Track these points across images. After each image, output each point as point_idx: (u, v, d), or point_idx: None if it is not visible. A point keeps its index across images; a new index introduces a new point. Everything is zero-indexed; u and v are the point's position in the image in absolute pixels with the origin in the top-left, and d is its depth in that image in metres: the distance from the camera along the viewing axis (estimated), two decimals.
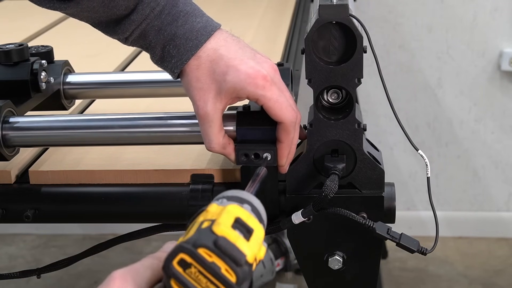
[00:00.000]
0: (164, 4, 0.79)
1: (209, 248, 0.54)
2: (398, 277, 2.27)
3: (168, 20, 0.79)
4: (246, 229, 0.56)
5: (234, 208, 0.58)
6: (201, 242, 0.54)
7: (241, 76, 0.77)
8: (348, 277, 0.88)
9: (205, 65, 0.78)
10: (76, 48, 1.41)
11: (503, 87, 2.32)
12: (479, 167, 2.43)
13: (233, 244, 0.55)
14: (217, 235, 0.55)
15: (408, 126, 2.38)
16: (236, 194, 0.61)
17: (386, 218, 0.84)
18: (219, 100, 0.78)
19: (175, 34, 0.79)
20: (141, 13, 0.79)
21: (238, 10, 1.72)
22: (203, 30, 0.79)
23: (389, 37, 2.31)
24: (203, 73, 0.78)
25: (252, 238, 0.56)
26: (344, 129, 0.82)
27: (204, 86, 0.78)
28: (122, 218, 0.92)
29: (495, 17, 2.26)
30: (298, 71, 1.23)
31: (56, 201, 0.90)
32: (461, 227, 2.48)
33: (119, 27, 0.80)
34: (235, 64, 0.78)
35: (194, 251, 0.54)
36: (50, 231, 2.56)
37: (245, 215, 0.57)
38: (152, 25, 0.79)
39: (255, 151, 0.81)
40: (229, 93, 0.78)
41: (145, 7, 0.79)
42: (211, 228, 0.55)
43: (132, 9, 0.79)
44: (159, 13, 0.79)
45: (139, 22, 0.79)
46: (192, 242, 0.54)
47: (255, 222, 0.58)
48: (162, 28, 0.79)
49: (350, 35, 0.79)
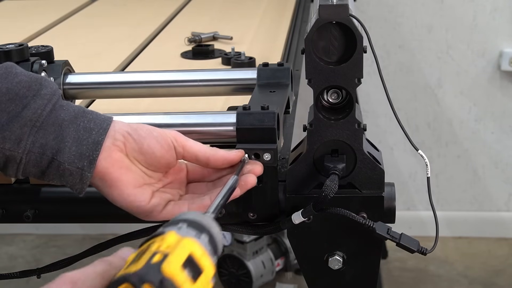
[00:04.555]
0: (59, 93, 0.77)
1: (155, 285, 0.54)
2: (398, 277, 2.27)
3: (70, 103, 0.77)
4: (196, 270, 0.57)
5: (189, 243, 0.58)
6: (147, 278, 0.54)
7: None
8: (348, 277, 0.88)
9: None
10: (76, 48, 1.41)
11: (503, 87, 2.32)
12: (479, 167, 2.43)
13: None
14: (164, 276, 0.55)
15: (408, 126, 2.38)
16: (197, 220, 0.61)
17: (386, 218, 0.84)
18: None
19: (84, 111, 0.76)
20: (50, 87, 0.75)
21: (238, 10, 1.73)
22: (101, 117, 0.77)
23: (389, 37, 2.31)
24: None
25: (199, 279, 0.57)
26: (344, 129, 0.82)
27: None
28: (122, 218, 0.92)
29: (495, 17, 2.26)
30: (298, 71, 1.23)
31: (56, 201, 0.90)
32: (461, 227, 2.48)
33: (28, 108, 0.74)
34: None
35: (138, 286, 0.54)
36: (50, 231, 2.56)
37: (199, 252, 0.58)
38: (60, 104, 0.75)
39: (255, 151, 0.81)
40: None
41: (47, 85, 0.75)
42: (160, 266, 0.55)
43: (39, 87, 0.75)
44: (60, 96, 0.76)
45: (50, 96, 0.75)
46: (139, 276, 0.54)
47: (207, 261, 0.58)
48: (69, 105, 0.76)
49: (350, 35, 0.79)
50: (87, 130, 0.74)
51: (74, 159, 0.74)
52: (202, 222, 0.61)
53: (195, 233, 0.60)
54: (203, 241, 0.59)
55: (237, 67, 1.23)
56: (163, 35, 1.53)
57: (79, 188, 0.76)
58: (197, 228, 0.60)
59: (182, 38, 1.43)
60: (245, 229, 0.88)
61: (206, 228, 0.61)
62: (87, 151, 0.74)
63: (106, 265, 0.58)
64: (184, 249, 0.57)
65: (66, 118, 0.74)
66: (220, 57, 1.32)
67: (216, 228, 0.62)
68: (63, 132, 0.74)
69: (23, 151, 0.73)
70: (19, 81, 0.75)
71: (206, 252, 0.59)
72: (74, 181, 0.75)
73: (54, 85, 0.77)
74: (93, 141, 0.74)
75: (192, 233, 0.60)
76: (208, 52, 1.35)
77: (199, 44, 1.40)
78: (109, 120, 0.77)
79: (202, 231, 0.60)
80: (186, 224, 0.60)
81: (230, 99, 1.06)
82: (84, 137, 0.74)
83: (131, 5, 1.82)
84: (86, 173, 0.74)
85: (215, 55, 1.34)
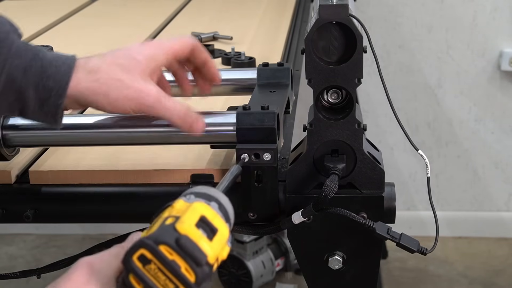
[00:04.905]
0: (17, 43, 0.75)
1: (171, 245, 0.54)
2: (398, 277, 2.27)
3: (29, 56, 0.75)
4: (210, 229, 0.56)
5: (200, 206, 0.57)
6: (163, 239, 0.54)
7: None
8: (348, 277, 0.88)
9: (98, 72, 0.77)
10: (76, 48, 1.40)
11: (503, 87, 2.32)
12: (479, 167, 2.43)
13: (195, 244, 0.54)
14: (180, 233, 0.54)
15: (408, 126, 2.38)
16: (204, 191, 0.60)
17: (386, 218, 0.84)
18: (147, 73, 0.79)
19: (43, 65, 0.75)
20: (0, 53, 0.73)
21: (238, 10, 1.73)
22: (65, 55, 0.77)
23: (389, 37, 2.31)
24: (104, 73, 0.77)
25: (215, 238, 0.56)
26: (344, 129, 0.82)
27: (119, 75, 0.77)
28: (122, 218, 0.92)
29: (495, 17, 2.26)
30: (298, 71, 1.23)
31: (56, 201, 0.91)
32: (461, 227, 2.48)
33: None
34: (129, 47, 0.80)
35: (155, 248, 0.54)
36: (50, 231, 2.56)
37: (211, 213, 0.57)
38: (15, 64, 0.74)
39: (255, 151, 0.81)
40: (150, 59, 0.79)
41: (1, 46, 0.74)
42: (174, 226, 0.55)
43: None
44: (17, 51, 0.74)
45: (2, 65, 0.73)
46: (154, 238, 0.54)
47: (220, 221, 0.57)
48: (27, 64, 0.74)
49: (350, 35, 0.79)
50: (47, 89, 0.75)
51: (40, 116, 0.77)
52: (209, 192, 0.61)
53: (204, 200, 0.59)
54: (214, 207, 0.59)
55: (237, 67, 1.23)
56: (163, 35, 1.53)
57: None
58: (205, 197, 0.60)
59: None
60: (245, 229, 0.88)
61: (214, 196, 0.61)
62: (49, 111, 0.76)
63: (119, 248, 0.59)
64: (195, 211, 0.57)
65: (23, 82, 0.74)
66: (220, 57, 1.32)
67: (224, 198, 0.61)
68: (23, 95, 0.75)
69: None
70: None
71: (218, 214, 0.58)
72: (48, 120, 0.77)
73: (8, 43, 0.74)
74: (53, 104, 0.75)
75: (200, 200, 0.59)
76: (208, 52, 1.35)
77: None
78: (69, 74, 0.76)
79: (211, 199, 0.60)
80: (193, 195, 0.60)
81: (230, 99, 1.06)
82: (45, 97, 0.75)
83: (131, 5, 1.81)
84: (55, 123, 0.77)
85: (215, 55, 1.34)
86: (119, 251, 0.59)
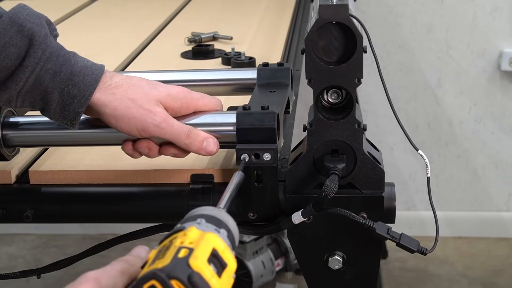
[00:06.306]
0: (52, 46, 0.78)
1: (183, 282, 0.54)
2: (398, 277, 2.27)
3: (61, 61, 0.78)
4: (220, 264, 0.57)
5: (212, 237, 0.58)
6: (175, 274, 0.54)
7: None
8: (348, 277, 0.88)
9: (118, 88, 0.80)
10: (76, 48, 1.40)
11: (503, 87, 2.32)
12: (479, 167, 2.43)
13: (207, 283, 0.54)
14: (193, 270, 0.54)
15: (408, 126, 2.38)
16: (214, 215, 0.61)
17: (386, 218, 0.84)
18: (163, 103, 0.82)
19: (72, 73, 0.78)
20: (34, 56, 0.77)
21: (238, 10, 1.73)
22: (94, 66, 0.81)
23: (389, 37, 2.31)
24: (124, 91, 0.80)
25: (224, 273, 0.57)
26: (344, 129, 0.82)
27: (138, 99, 0.80)
28: (122, 218, 0.92)
29: (495, 17, 2.26)
30: (298, 71, 1.23)
31: (56, 201, 0.90)
32: (461, 227, 2.48)
33: (11, 81, 0.77)
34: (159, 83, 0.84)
35: (167, 282, 0.54)
36: (50, 231, 2.56)
37: (221, 246, 0.58)
38: (46, 68, 0.78)
39: (255, 151, 0.81)
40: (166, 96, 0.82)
41: (37, 49, 0.77)
42: (187, 261, 0.55)
43: (24, 56, 0.77)
44: (50, 55, 0.78)
45: (33, 67, 0.77)
46: (166, 272, 0.54)
47: (229, 255, 0.58)
48: (57, 70, 0.78)
49: (350, 35, 0.79)
50: (70, 96, 0.78)
51: (59, 118, 0.80)
52: (219, 216, 0.61)
53: (215, 228, 0.60)
54: (223, 236, 0.59)
55: (237, 67, 1.23)
56: (163, 35, 1.53)
57: None
58: (215, 223, 0.60)
59: (182, 38, 1.43)
60: (245, 229, 0.88)
61: (224, 222, 0.61)
62: (68, 115, 0.80)
63: (123, 263, 0.59)
64: (208, 243, 0.57)
65: (50, 85, 0.78)
66: (220, 57, 1.32)
67: (232, 222, 0.62)
68: (47, 96, 0.79)
69: (15, 106, 0.80)
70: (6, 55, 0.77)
71: (228, 246, 0.59)
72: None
73: (43, 47, 0.78)
74: (73, 111, 0.79)
75: (212, 228, 0.60)
76: (208, 52, 1.35)
77: (199, 44, 1.40)
78: (94, 85, 0.79)
79: (220, 225, 0.60)
80: (204, 220, 0.60)
81: (230, 99, 1.06)
82: (67, 103, 0.79)
83: (131, 5, 1.81)
84: (72, 126, 0.81)
85: (215, 55, 1.34)
86: (124, 267, 0.59)
